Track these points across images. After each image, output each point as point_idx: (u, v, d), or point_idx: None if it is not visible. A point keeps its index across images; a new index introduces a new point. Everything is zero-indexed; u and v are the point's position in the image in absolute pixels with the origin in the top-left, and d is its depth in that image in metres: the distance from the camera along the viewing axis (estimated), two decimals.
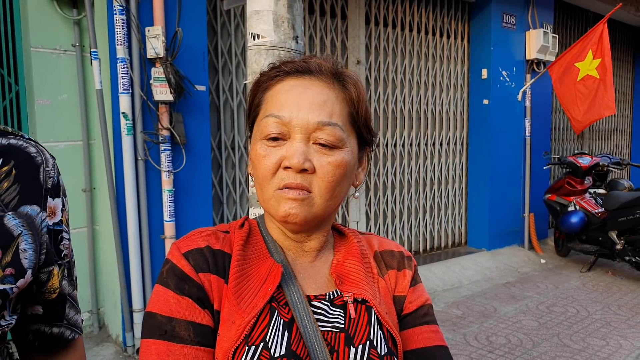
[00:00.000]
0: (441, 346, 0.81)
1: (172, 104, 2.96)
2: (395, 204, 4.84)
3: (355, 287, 0.77)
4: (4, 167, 0.67)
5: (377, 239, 0.88)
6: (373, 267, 0.82)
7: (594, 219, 4.71)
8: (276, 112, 0.71)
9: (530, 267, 4.92)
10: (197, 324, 0.69)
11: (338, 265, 0.79)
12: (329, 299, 0.76)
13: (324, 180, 0.71)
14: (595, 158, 4.98)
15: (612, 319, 3.52)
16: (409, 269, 0.84)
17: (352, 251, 0.82)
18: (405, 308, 0.82)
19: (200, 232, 0.75)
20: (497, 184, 5.25)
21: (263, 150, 0.72)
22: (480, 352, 2.99)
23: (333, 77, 0.75)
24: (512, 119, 5.34)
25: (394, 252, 0.86)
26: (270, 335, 0.69)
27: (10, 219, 0.66)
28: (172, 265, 0.71)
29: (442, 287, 4.25)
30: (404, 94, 4.79)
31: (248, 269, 0.73)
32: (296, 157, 0.69)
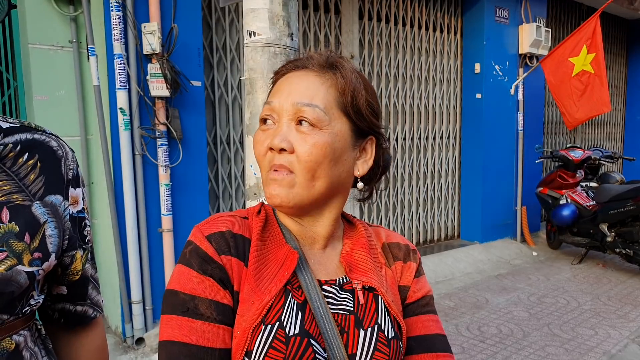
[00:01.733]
0: (440, 334, 0.86)
1: (169, 99, 3.00)
2: (389, 197, 4.89)
3: (363, 275, 0.81)
4: (30, 161, 0.74)
5: (385, 231, 0.92)
6: (381, 257, 0.87)
7: (585, 211, 4.78)
8: (270, 100, 0.78)
9: (522, 260, 5.00)
10: (218, 303, 0.72)
11: (348, 254, 0.84)
12: (339, 284, 0.80)
13: (301, 159, 0.74)
14: (587, 151, 5.05)
15: (601, 309, 3.60)
16: (414, 261, 0.89)
17: (361, 241, 0.85)
18: (409, 297, 0.87)
19: (222, 217, 0.79)
20: (489, 177, 5.31)
21: (258, 136, 0.78)
22: (472, 342, 3.06)
23: (325, 67, 0.78)
24: (505, 112, 5.40)
25: (401, 244, 0.90)
26: (285, 316, 0.73)
27: (37, 208, 0.72)
28: (195, 247, 0.75)
29: (435, 279, 4.32)
30: (397, 88, 4.83)
31: (266, 253, 0.77)
32: (277, 138, 0.74)
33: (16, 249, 0.69)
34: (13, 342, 0.72)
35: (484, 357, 2.85)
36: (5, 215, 0.69)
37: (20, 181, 0.73)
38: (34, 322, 0.78)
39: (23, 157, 0.74)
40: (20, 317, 0.72)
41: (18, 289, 0.69)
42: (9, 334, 0.71)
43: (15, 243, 0.69)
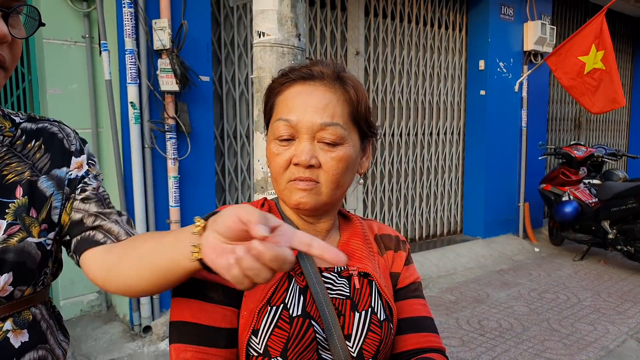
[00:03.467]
0: (427, 317, 0.95)
1: (178, 94, 3.06)
2: (393, 193, 4.95)
3: (359, 262, 0.89)
4: (36, 144, 0.84)
5: (377, 224, 1.01)
6: (374, 247, 0.95)
7: (587, 208, 4.82)
8: (285, 116, 0.82)
9: (524, 255, 5.05)
10: (226, 287, 0.79)
11: (344, 244, 0.92)
12: (337, 272, 0.88)
13: (328, 173, 0.82)
14: (590, 149, 5.08)
15: (601, 305, 3.66)
16: (403, 250, 0.98)
17: (356, 233, 0.94)
18: (399, 283, 0.95)
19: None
20: (492, 173, 5.36)
21: (276, 149, 0.84)
22: (472, 335, 3.12)
23: (334, 80, 0.85)
24: (509, 109, 5.43)
25: (392, 236, 0.99)
26: (288, 298, 0.81)
27: (43, 182, 0.81)
28: None
29: (437, 273, 4.38)
30: (402, 84, 4.88)
31: None
32: (304, 155, 0.80)
33: (26, 222, 0.76)
34: (31, 314, 0.79)
35: (483, 350, 2.91)
36: (19, 192, 0.77)
37: (29, 160, 0.81)
38: (48, 298, 0.86)
39: (30, 143, 0.83)
40: (37, 291, 0.80)
41: (31, 260, 0.76)
42: (28, 306, 0.78)
43: (25, 217, 0.76)
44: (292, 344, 0.78)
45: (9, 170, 0.78)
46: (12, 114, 0.86)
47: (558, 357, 2.82)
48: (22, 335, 0.76)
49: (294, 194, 0.83)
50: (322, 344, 0.81)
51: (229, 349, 0.79)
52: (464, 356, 2.84)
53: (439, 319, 3.38)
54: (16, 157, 0.80)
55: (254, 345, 0.79)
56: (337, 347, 0.81)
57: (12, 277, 0.73)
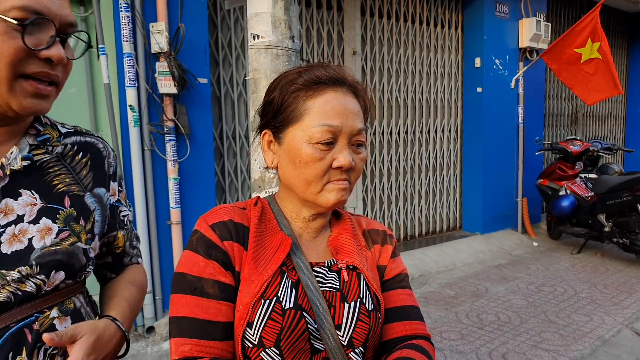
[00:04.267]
0: (413, 306, 0.99)
1: (176, 96, 3.11)
2: (392, 190, 4.99)
3: (348, 256, 0.94)
4: (83, 159, 0.93)
5: (365, 220, 1.06)
6: (362, 242, 1.00)
7: (584, 202, 4.86)
8: (329, 122, 0.86)
9: (522, 250, 5.09)
10: (221, 283, 0.85)
11: (334, 239, 0.97)
12: (327, 266, 0.93)
13: (356, 172, 0.90)
14: (586, 144, 5.12)
15: (597, 297, 3.70)
16: (390, 244, 1.02)
17: (346, 228, 0.99)
18: (386, 275, 1.00)
19: (223, 208, 0.92)
20: (490, 169, 5.40)
21: (318, 154, 0.86)
22: (471, 329, 3.16)
23: (354, 87, 0.92)
24: (506, 106, 5.47)
25: (379, 230, 1.04)
26: (281, 292, 0.85)
27: (88, 198, 0.91)
28: (200, 235, 0.87)
29: (437, 269, 4.42)
30: (399, 83, 4.92)
31: (263, 239, 0.90)
32: (347, 160, 0.86)
33: (75, 230, 0.87)
34: (72, 303, 0.89)
35: (482, 343, 2.96)
36: (67, 202, 0.87)
37: (76, 175, 0.91)
38: (85, 288, 0.96)
39: (78, 156, 0.92)
40: (77, 282, 0.91)
41: (78, 263, 0.87)
42: (70, 297, 0.89)
43: (75, 225, 0.87)
44: (284, 335, 0.82)
45: (59, 181, 0.88)
46: (58, 124, 0.94)
47: (555, 347, 2.87)
48: (66, 321, 0.86)
49: (333, 194, 0.88)
50: (314, 334, 0.85)
51: (226, 341, 0.84)
52: (463, 349, 2.88)
53: (439, 314, 3.42)
54: (65, 168, 0.89)
55: (249, 337, 0.84)
56: (329, 337, 0.85)
57: (64, 276, 0.84)
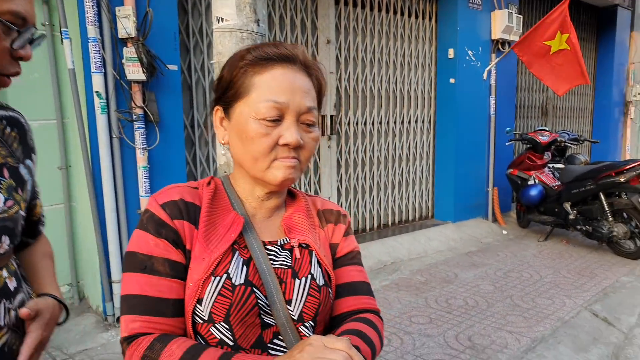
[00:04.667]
0: (364, 282, 1.02)
1: (145, 83, 3.06)
2: (366, 180, 5.03)
3: (300, 234, 0.96)
4: (12, 133, 0.97)
5: (321, 200, 1.08)
6: (316, 221, 1.02)
7: (551, 191, 5.00)
8: (275, 98, 0.86)
9: (492, 238, 5.21)
10: (172, 261, 0.86)
11: (288, 218, 0.99)
12: (280, 244, 0.95)
13: (306, 151, 0.90)
14: (554, 134, 5.25)
15: (560, 281, 3.82)
16: (343, 224, 1.05)
17: (300, 208, 1.01)
18: (338, 252, 1.02)
19: (174, 188, 0.92)
20: (462, 159, 5.49)
21: (264, 129, 0.86)
22: (439, 313, 3.24)
23: (306, 64, 0.92)
24: (478, 97, 5.56)
25: (333, 210, 1.06)
26: (232, 269, 0.87)
27: (22, 169, 0.96)
28: (151, 214, 0.88)
29: (409, 256, 4.49)
30: (374, 73, 4.95)
31: (215, 218, 0.91)
32: (295, 137, 0.86)
33: (17, 198, 0.93)
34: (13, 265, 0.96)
35: (450, 327, 3.03)
36: (6, 173, 0.92)
37: (9, 147, 0.95)
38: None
39: (7, 130, 0.96)
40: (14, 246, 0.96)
41: (19, 229, 0.94)
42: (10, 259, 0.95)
43: (15, 194, 0.93)
44: (234, 310, 0.84)
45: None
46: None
47: (518, 329, 2.96)
48: (13, 281, 0.94)
49: (281, 171, 0.87)
50: (265, 309, 0.87)
51: (176, 317, 0.86)
52: (431, 332, 2.95)
53: (409, 299, 3.49)
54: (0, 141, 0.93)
55: (199, 312, 0.85)
56: (279, 311, 0.87)
57: (9, 240, 0.91)
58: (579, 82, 4.77)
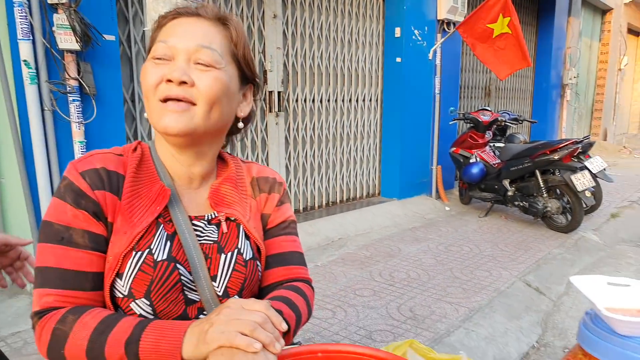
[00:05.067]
0: (296, 251, 1.01)
1: (79, 53, 2.90)
2: (314, 158, 5.04)
3: (227, 207, 0.93)
4: None
5: (257, 166, 1.04)
6: (248, 190, 0.98)
7: (491, 169, 5.21)
8: (164, 39, 0.85)
9: (435, 214, 5.38)
10: (91, 233, 0.82)
11: (215, 190, 0.94)
12: (207, 219, 0.92)
13: (203, 92, 0.83)
14: (495, 114, 5.44)
15: (498, 254, 4.02)
16: (277, 193, 1.02)
17: (229, 177, 0.96)
18: (269, 223, 1.00)
19: (96, 154, 0.86)
20: (408, 138, 5.60)
21: (150, 66, 0.84)
22: (383, 286, 3.33)
23: (217, 19, 0.89)
24: (423, 76, 5.66)
25: (269, 178, 1.02)
26: (154, 244, 0.83)
27: None
28: (69, 182, 0.82)
29: (355, 232, 4.57)
30: (321, 50, 4.92)
31: (140, 189, 0.86)
32: (177, 72, 0.81)
33: None
34: None
35: (392, 299, 3.12)
36: None
37: None
38: None
39: None
40: None
41: None
42: None
43: None
44: (155, 286, 0.82)
45: None
46: None
47: (457, 300, 3.09)
48: None
49: (165, 117, 0.82)
50: (188, 286, 0.85)
51: (96, 291, 0.82)
52: (374, 304, 3.03)
53: (354, 273, 3.56)
54: None
55: (118, 287, 0.82)
56: (204, 287, 0.86)
57: None
58: (520, 66, 4.94)
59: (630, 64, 13.67)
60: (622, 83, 12.86)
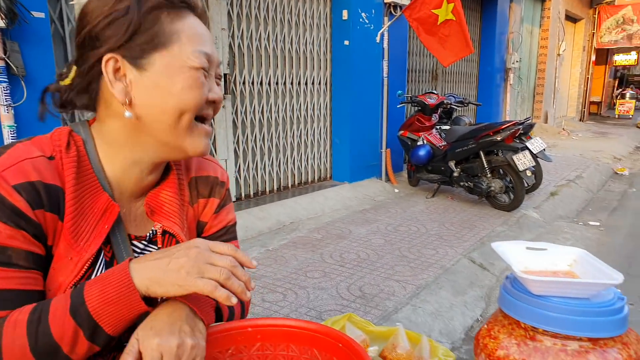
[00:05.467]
0: None
1: (5, 31, 2.70)
2: (264, 142, 4.99)
3: (166, 218, 0.82)
4: None
5: (197, 162, 0.92)
6: (186, 195, 0.87)
7: (438, 151, 5.33)
8: (202, 48, 0.75)
9: (385, 196, 5.47)
10: (33, 253, 0.70)
11: (153, 196, 0.82)
12: (148, 239, 0.81)
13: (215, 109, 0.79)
14: (441, 97, 5.57)
15: (444, 233, 4.14)
16: (217, 197, 0.92)
17: (170, 181, 0.84)
18: (205, 232, 0.91)
19: (25, 160, 0.71)
20: (358, 122, 5.64)
21: (202, 78, 0.74)
22: (333, 267, 3.36)
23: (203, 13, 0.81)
24: (371, 60, 5.69)
25: (210, 177, 0.91)
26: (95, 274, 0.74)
27: None
28: (2, 198, 0.67)
29: (307, 216, 4.58)
30: (268, 31, 4.83)
31: (83, 205, 0.74)
32: (219, 93, 0.76)
33: None
34: None
35: (342, 279, 3.16)
36: None
37: None
38: None
39: None
40: None
41: None
42: None
43: None
44: None
45: None
46: None
47: (404, 278, 3.17)
48: None
49: (203, 139, 0.76)
50: None
51: None
52: (324, 285, 3.05)
53: (305, 256, 3.57)
54: None
55: None
56: None
57: None
58: (464, 54, 5.05)
59: (568, 50, 14.35)
60: (561, 68, 13.48)
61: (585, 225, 4.79)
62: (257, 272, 3.25)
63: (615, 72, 20.58)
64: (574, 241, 4.23)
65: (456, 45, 5.02)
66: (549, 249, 0.69)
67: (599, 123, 15.20)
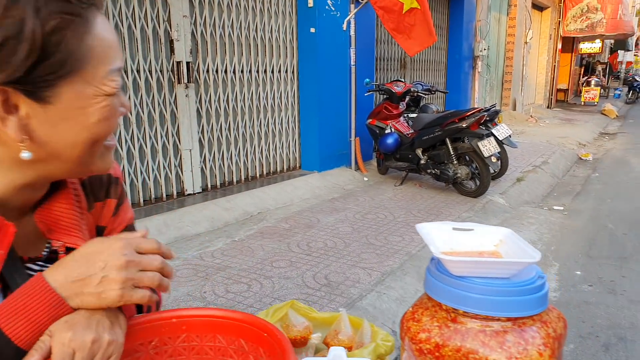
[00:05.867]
0: None
1: None
2: (230, 131, 4.91)
3: (66, 234, 0.71)
4: None
5: None
6: (83, 202, 0.77)
7: (405, 139, 5.35)
8: (117, 64, 0.63)
9: (354, 185, 5.48)
10: None
11: (46, 211, 0.71)
12: (45, 259, 0.72)
13: None
14: (408, 85, 5.58)
15: (411, 220, 4.17)
16: (114, 197, 0.83)
17: (65, 191, 0.73)
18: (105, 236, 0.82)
19: None
20: (326, 110, 5.61)
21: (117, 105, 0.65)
22: (300, 256, 3.34)
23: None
24: (338, 48, 5.65)
25: (103, 177, 0.82)
26: None
27: None
28: None
29: (275, 206, 4.54)
30: (232, 18, 4.74)
31: None
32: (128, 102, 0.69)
33: None
34: None
35: (308, 268, 3.14)
36: None
37: None
38: None
39: None
40: None
41: None
42: None
43: None
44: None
45: None
46: None
47: (370, 265, 3.17)
48: None
49: (109, 157, 0.69)
50: None
51: None
52: (290, 275, 3.03)
53: (272, 246, 3.54)
54: None
55: None
56: None
57: None
58: (428, 44, 5.07)
59: (535, 38, 14.60)
60: (529, 56, 13.72)
61: (550, 210, 4.90)
62: (221, 264, 3.20)
63: (581, 59, 21.09)
64: (538, 225, 4.32)
65: (421, 34, 5.03)
66: (475, 229, 0.68)
67: (565, 110, 15.56)
